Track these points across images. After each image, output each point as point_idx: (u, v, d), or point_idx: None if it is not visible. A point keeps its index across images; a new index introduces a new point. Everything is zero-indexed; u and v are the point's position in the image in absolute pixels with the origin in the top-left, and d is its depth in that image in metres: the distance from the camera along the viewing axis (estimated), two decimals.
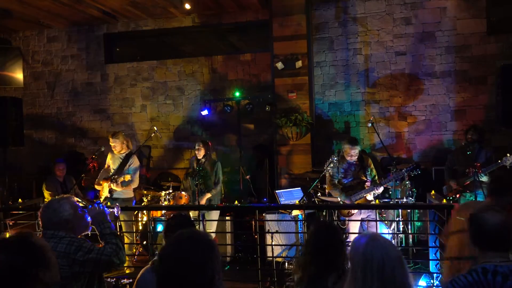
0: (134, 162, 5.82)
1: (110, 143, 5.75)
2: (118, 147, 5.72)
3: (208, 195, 5.83)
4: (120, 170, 5.68)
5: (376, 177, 5.23)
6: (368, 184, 5.07)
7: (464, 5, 7.21)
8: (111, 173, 5.72)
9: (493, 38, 7.12)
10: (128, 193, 5.82)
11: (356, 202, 5.00)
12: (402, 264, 1.83)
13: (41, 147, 9.03)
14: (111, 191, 5.62)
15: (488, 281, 2.01)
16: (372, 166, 5.26)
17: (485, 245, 2.12)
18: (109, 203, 5.55)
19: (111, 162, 5.83)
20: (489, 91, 7.09)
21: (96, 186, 5.81)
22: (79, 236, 2.66)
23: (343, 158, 5.20)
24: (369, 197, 5.06)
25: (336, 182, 5.19)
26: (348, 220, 5.06)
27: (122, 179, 5.60)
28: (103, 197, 5.67)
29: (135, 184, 5.82)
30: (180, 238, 1.73)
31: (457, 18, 7.24)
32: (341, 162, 5.19)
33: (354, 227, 5.09)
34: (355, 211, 5.04)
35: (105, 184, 5.65)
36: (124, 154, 5.77)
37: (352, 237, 5.08)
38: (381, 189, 5.07)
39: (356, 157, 5.12)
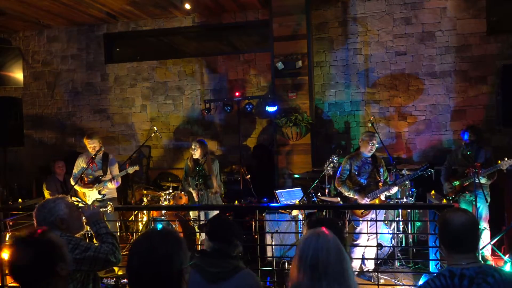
0: (113, 160, 5.89)
1: (88, 145, 5.65)
2: (97, 147, 5.68)
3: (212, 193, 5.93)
4: (105, 170, 5.72)
5: (388, 179, 5.21)
6: (381, 184, 5.06)
7: (464, 5, 7.21)
8: (95, 176, 5.71)
9: (493, 38, 7.12)
10: (113, 193, 5.85)
11: (370, 202, 4.99)
12: (339, 258, 1.82)
13: (41, 147, 9.03)
14: (100, 192, 5.63)
15: (455, 285, 1.99)
16: (385, 167, 5.25)
17: (451, 246, 2.10)
18: (109, 203, 5.55)
19: (91, 167, 5.74)
20: (489, 91, 7.09)
21: (83, 190, 5.74)
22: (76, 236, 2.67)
23: (358, 155, 5.17)
24: (382, 197, 5.06)
25: (345, 179, 5.15)
26: (362, 221, 5.03)
27: (109, 176, 5.64)
28: (91, 200, 5.66)
29: (119, 181, 5.84)
30: (148, 233, 1.84)
31: (457, 18, 7.24)
32: (355, 159, 5.16)
33: (365, 227, 5.07)
34: (370, 211, 5.01)
35: (89, 187, 5.67)
36: (101, 155, 5.78)
37: (363, 238, 5.07)
38: (395, 189, 5.04)
39: (374, 149, 5.09)
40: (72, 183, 5.75)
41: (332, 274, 1.78)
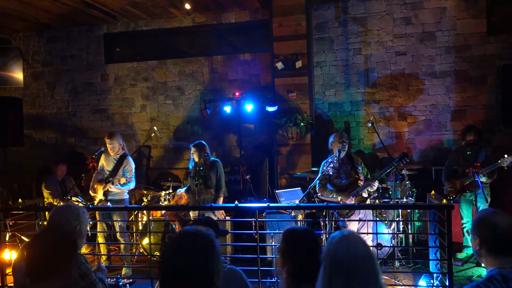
0: (129, 163, 5.68)
1: (108, 145, 5.57)
2: (116, 148, 5.57)
3: (221, 199, 5.72)
4: (115, 172, 5.58)
5: (369, 175, 5.20)
6: (361, 181, 5.05)
7: (464, 5, 7.21)
8: (105, 175, 5.60)
9: (493, 38, 7.12)
10: (121, 194, 5.70)
11: (354, 200, 4.98)
12: (371, 262, 1.74)
13: (41, 147, 9.03)
14: (106, 193, 5.52)
15: None
16: (362, 164, 5.23)
17: (500, 250, 2.01)
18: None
19: (105, 164, 5.68)
20: (489, 91, 7.09)
21: (91, 193, 5.65)
22: None
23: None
24: (364, 194, 5.04)
25: (326, 184, 5.12)
26: (348, 220, 5.03)
27: (117, 181, 5.48)
28: (97, 200, 5.62)
29: (133, 185, 5.71)
30: (182, 235, 1.82)
31: (457, 18, 7.24)
32: (331, 162, 5.14)
33: (353, 227, 5.06)
34: (355, 211, 5.01)
35: (99, 186, 5.54)
36: (118, 156, 5.64)
37: None
38: (376, 183, 5.00)
39: (346, 147, 5.08)
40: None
41: (365, 277, 1.70)
